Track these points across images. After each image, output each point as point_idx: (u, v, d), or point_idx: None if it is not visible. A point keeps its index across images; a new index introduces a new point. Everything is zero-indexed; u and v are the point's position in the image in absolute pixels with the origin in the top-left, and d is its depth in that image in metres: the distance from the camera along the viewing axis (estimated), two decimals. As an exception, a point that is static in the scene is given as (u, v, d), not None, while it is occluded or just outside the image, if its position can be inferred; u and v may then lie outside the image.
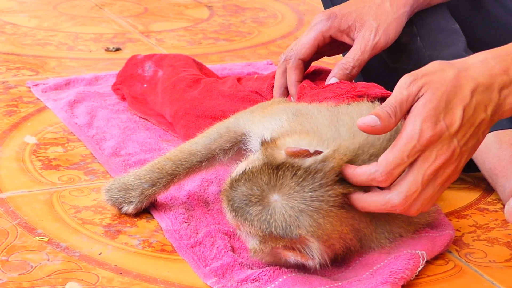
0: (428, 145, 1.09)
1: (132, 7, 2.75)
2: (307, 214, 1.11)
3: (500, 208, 1.47)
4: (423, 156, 1.10)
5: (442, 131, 1.09)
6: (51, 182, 1.48)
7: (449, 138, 1.10)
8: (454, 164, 1.11)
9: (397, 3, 1.49)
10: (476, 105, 1.10)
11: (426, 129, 1.09)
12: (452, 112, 1.10)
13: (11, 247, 1.26)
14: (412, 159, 1.10)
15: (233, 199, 1.14)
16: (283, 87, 1.52)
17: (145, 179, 1.34)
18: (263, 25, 2.63)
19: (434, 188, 1.12)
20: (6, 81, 1.97)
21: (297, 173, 1.11)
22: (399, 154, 1.10)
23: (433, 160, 1.10)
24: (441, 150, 1.10)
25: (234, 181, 1.15)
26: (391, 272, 1.18)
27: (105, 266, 1.23)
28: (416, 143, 1.09)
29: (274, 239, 1.12)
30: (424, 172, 1.10)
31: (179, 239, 1.29)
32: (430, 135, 1.09)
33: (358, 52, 1.46)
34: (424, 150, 1.10)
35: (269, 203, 1.12)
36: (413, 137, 1.09)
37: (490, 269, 1.27)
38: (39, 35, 2.36)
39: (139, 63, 1.89)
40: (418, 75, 1.11)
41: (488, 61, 1.13)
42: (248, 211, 1.12)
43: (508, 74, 1.12)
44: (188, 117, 1.61)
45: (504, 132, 1.47)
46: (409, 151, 1.10)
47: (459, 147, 1.11)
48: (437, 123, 1.09)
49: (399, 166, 1.10)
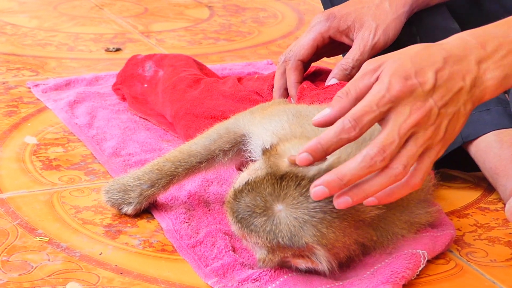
0: (399, 97, 1.05)
1: (132, 7, 2.75)
2: (311, 224, 1.10)
3: (501, 207, 1.47)
4: (396, 111, 1.06)
5: (414, 86, 1.05)
6: (51, 183, 1.48)
7: (423, 95, 1.06)
8: (433, 126, 1.06)
9: (396, 3, 1.48)
10: (452, 72, 1.07)
11: (395, 81, 1.05)
12: (423, 72, 1.06)
13: (11, 248, 1.26)
14: (382, 109, 1.05)
15: (237, 211, 1.14)
16: (282, 88, 1.52)
17: (144, 180, 1.34)
18: (263, 25, 2.63)
19: (417, 148, 1.06)
20: (6, 82, 1.97)
21: (301, 184, 1.10)
22: (367, 103, 1.05)
23: (408, 115, 1.05)
24: (415, 105, 1.05)
25: (238, 192, 1.14)
26: (392, 271, 1.18)
27: (105, 266, 1.23)
28: (385, 93, 1.05)
29: (282, 248, 1.13)
30: (399, 125, 1.05)
31: (179, 239, 1.29)
32: (400, 86, 1.05)
33: (357, 52, 1.46)
34: (395, 103, 1.05)
35: (273, 214, 1.11)
36: (382, 88, 1.05)
37: (491, 269, 1.27)
38: (39, 35, 2.37)
39: (140, 63, 1.88)
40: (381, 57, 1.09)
41: (463, 37, 1.11)
42: (253, 223, 1.12)
43: (485, 48, 1.09)
44: (189, 117, 1.61)
45: (505, 132, 1.46)
46: (378, 100, 1.05)
47: (437, 107, 1.06)
48: (408, 78, 1.05)
49: (367, 113, 1.05)
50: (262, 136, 1.27)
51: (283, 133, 1.23)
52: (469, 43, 1.09)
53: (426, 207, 1.29)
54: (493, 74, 1.08)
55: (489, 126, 1.47)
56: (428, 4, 1.55)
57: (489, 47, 1.09)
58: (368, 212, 1.15)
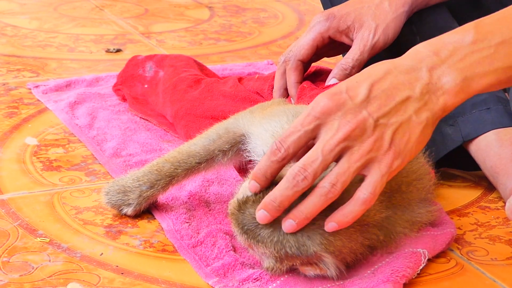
0: (325, 113, 1.05)
1: (133, 8, 2.75)
2: (318, 233, 1.11)
3: (502, 206, 1.47)
4: (325, 128, 1.05)
5: (342, 100, 1.04)
6: (52, 183, 1.48)
7: (354, 107, 1.04)
8: (372, 137, 1.04)
9: (396, 3, 1.48)
10: (394, 82, 1.05)
11: (321, 99, 1.05)
12: (356, 87, 1.05)
13: (12, 248, 1.26)
14: (307, 128, 1.05)
15: (243, 222, 1.13)
16: (282, 88, 1.52)
17: (143, 181, 1.34)
18: (263, 25, 2.63)
19: (351, 163, 1.04)
20: (7, 83, 1.97)
21: (306, 193, 1.10)
22: (294, 124, 1.06)
23: (336, 129, 1.04)
24: (344, 119, 1.04)
25: (242, 204, 1.14)
26: (392, 270, 1.18)
27: (106, 266, 1.23)
28: (311, 111, 1.05)
29: (290, 258, 1.13)
30: (325, 142, 1.04)
31: (180, 239, 1.29)
32: (325, 103, 1.04)
33: (357, 52, 1.46)
34: (322, 119, 1.05)
35: (280, 224, 1.11)
36: (308, 108, 1.06)
37: (492, 267, 1.27)
38: (40, 36, 2.37)
39: (140, 63, 1.89)
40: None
41: (416, 48, 1.09)
42: (260, 233, 1.12)
43: (439, 55, 1.07)
44: (189, 117, 1.61)
45: (505, 130, 1.46)
46: (303, 120, 1.05)
47: (372, 118, 1.04)
48: (336, 94, 1.05)
49: (292, 134, 1.06)
50: (262, 137, 1.27)
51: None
52: (420, 53, 1.08)
53: (427, 206, 1.29)
54: (450, 77, 1.06)
55: (489, 125, 1.47)
56: (427, 4, 1.55)
57: (443, 53, 1.07)
58: (373, 216, 1.15)
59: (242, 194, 1.15)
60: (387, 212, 1.17)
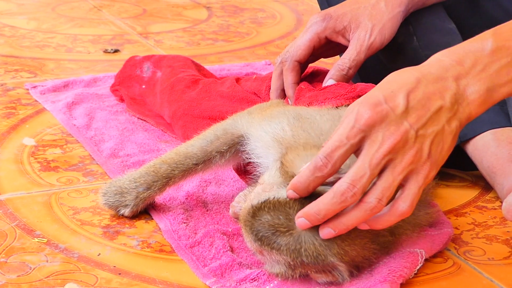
0: (369, 125, 1.04)
1: (131, 9, 2.75)
2: (336, 243, 1.11)
3: (499, 206, 1.47)
4: (369, 140, 1.04)
5: (385, 112, 1.04)
6: (49, 184, 1.48)
7: (396, 119, 1.04)
8: (413, 149, 1.05)
9: (392, 3, 1.48)
10: (426, 92, 1.05)
11: (364, 109, 1.04)
12: (393, 96, 1.04)
13: (9, 249, 1.26)
14: (353, 141, 1.04)
15: (257, 229, 1.13)
16: (279, 89, 1.52)
17: (140, 182, 1.34)
18: (261, 25, 2.63)
19: (395, 176, 1.05)
20: (5, 84, 1.97)
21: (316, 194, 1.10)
22: (337, 137, 1.05)
23: (380, 142, 1.04)
24: (388, 131, 1.04)
25: (257, 210, 1.13)
26: (389, 270, 1.18)
27: (104, 267, 1.23)
28: (355, 123, 1.04)
29: (306, 266, 1.13)
30: (372, 156, 1.04)
31: (177, 240, 1.29)
32: (369, 115, 1.03)
33: (354, 52, 1.46)
34: (368, 133, 1.04)
35: (298, 233, 1.11)
36: (350, 119, 1.04)
37: (489, 267, 1.27)
38: (38, 37, 2.37)
39: (138, 64, 1.89)
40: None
41: (438, 58, 1.09)
42: (276, 241, 1.12)
43: (463, 65, 1.07)
44: (186, 117, 1.61)
45: (501, 130, 1.47)
46: (348, 132, 1.04)
47: (413, 129, 1.04)
48: (378, 105, 1.04)
49: (338, 148, 1.05)
50: (263, 139, 1.27)
51: (284, 137, 1.23)
52: (443, 62, 1.08)
53: (426, 209, 1.30)
54: (475, 89, 1.07)
55: (486, 125, 1.47)
56: (424, 4, 1.55)
57: (466, 63, 1.07)
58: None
59: (257, 200, 1.14)
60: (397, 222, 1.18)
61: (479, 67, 1.07)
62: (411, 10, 1.53)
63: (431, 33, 1.55)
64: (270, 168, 1.20)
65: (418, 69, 1.08)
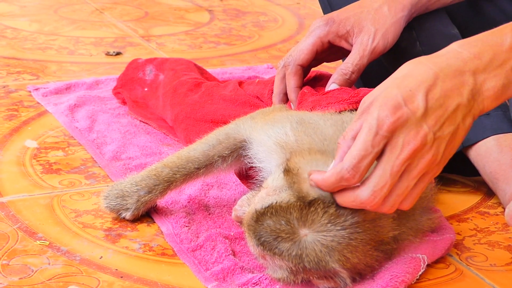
0: (392, 131, 1.03)
1: (133, 11, 2.75)
2: (337, 250, 1.11)
3: (501, 211, 1.47)
4: (390, 145, 1.04)
5: (405, 115, 1.03)
6: (51, 186, 1.48)
7: (416, 122, 1.03)
8: (430, 152, 1.04)
9: (395, 7, 1.48)
10: (445, 88, 1.04)
11: (385, 114, 1.03)
12: (413, 96, 1.04)
13: (11, 251, 1.26)
14: (378, 149, 1.03)
15: (260, 233, 1.13)
16: (282, 93, 1.52)
17: (141, 186, 1.34)
18: (263, 29, 2.63)
19: (409, 181, 1.05)
20: (7, 85, 1.97)
21: (329, 211, 1.11)
22: (362, 146, 1.04)
23: (401, 148, 1.03)
24: (408, 136, 1.03)
25: (260, 215, 1.13)
26: (391, 275, 1.18)
27: (105, 270, 1.23)
28: (378, 130, 1.03)
29: (308, 271, 1.13)
30: (393, 163, 1.04)
31: (179, 243, 1.29)
32: (391, 120, 1.03)
33: (356, 57, 1.46)
34: (390, 138, 1.03)
35: (299, 239, 1.11)
36: (372, 125, 1.03)
37: (491, 273, 1.27)
38: (40, 39, 2.37)
39: (140, 67, 1.89)
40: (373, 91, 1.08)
41: (455, 49, 1.08)
42: (277, 246, 1.12)
43: (481, 58, 1.06)
44: (189, 121, 1.61)
45: (504, 136, 1.47)
46: (372, 140, 1.03)
47: (432, 132, 1.04)
48: (398, 107, 1.03)
49: (364, 158, 1.04)
50: (265, 143, 1.27)
51: (287, 141, 1.23)
52: (461, 54, 1.06)
53: (428, 214, 1.29)
54: (491, 84, 1.06)
55: (488, 130, 1.47)
56: (427, 9, 1.55)
57: (484, 57, 1.06)
58: (387, 233, 1.16)
59: (261, 205, 1.14)
60: (400, 229, 1.18)
61: (497, 62, 1.06)
62: (414, 15, 1.53)
63: (434, 38, 1.55)
64: (274, 172, 1.20)
65: (434, 61, 1.06)
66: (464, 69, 1.06)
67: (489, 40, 1.07)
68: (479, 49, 1.07)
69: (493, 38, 1.07)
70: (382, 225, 1.14)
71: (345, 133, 1.07)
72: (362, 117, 1.06)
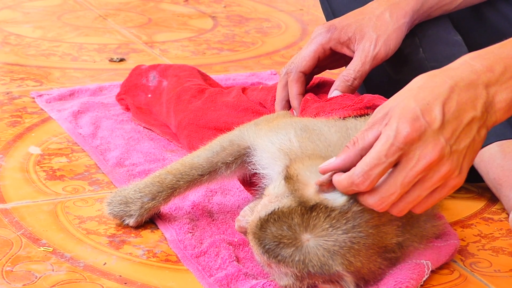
0: (408, 143, 1.04)
1: (136, 18, 2.76)
2: (340, 254, 1.11)
3: (505, 217, 1.47)
4: (406, 157, 1.04)
5: (423, 128, 1.04)
6: (55, 193, 1.48)
7: (433, 135, 1.04)
8: (446, 165, 1.05)
9: (397, 14, 1.48)
10: (460, 102, 1.05)
11: (403, 126, 1.04)
12: (430, 109, 1.04)
13: (15, 258, 1.26)
14: (392, 159, 1.04)
15: (264, 241, 1.13)
16: (284, 100, 1.52)
17: (145, 192, 1.34)
18: (267, 35, 2.63)
19: (422, 192, 1.06)
20: (10, 92, 1.97)
21: (331, 215, 1.11)
22: (376, 154, 1.04)
23: (416, 160, 1.04)
24: (425, 149, 1.04)
25: (264, 222, 1.13)
26: (396, 281, 1.18)
27: (109, 276, 1.23)
28: (394, 141, 1.04)
29: (313, 276, 1.13)
30: (405, 174, 1.05)
31: (183, 249, 1.29)
32: (408, 131, 1.03)
33: (358, 63, 1.46)
34: (406, 150, 1.04)
35: (302, 244, 1.11)
36: (390, 136, 1.04)
37: (495, 279, 1.27)
38: (43, 45, 2.37)
39: (144, 73, 1.89)
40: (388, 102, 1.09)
41: (467, 62, 1.09)
42: (280, 253, 1.12)
43: (493, 71, 1.07)
44: (192, 127, 1.61)
45: (508, 142, 1.47)
46: (387, 150, 1.04)
47: (449, 145, 1.05)
48: (416, 120, 1.04)
49: (376, 166, 1.05)
50: (269, 150, 1.27)
51: (291, 148, 1.23)
52: (474, 67, 1.08)
53: (432, 221, 1.29)
54: (503, 97, 1.07)
55: (492, 137, 1.47)
56: (429, 16, 1.55)
57: (496, 69, 1.07)
58: (390, 239, 1.16)
59: (264, 212, 1.14)
60: (404, 236, 1.18)
61: (508, 74, 1.07)
62: (416, 22, 1.53)
63: (437, 45, 1.55)
64: (275, 179, 1.20)
65: (448, 74, 1.07)
66: (477, 82, 1.07)
67: (500, 53, 1.09)
68: (491, 62, 1.08)
69: (504, 51, 1.09)
70: (386, 231, 1.14)
71: (355, 138, 1.08)
72: (375, 128, 1.06)
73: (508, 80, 1.07)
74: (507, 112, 1.08)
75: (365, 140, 1.07)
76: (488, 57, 1.09)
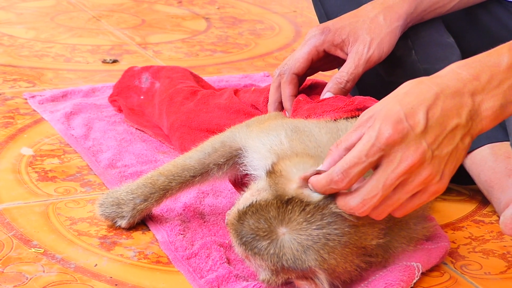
0: (390, 145, 1.04)
1: (130, 19, 2.76)
2: (314, 249, 1.11)
3: (496, 220, 1.47)
4: (388, 159, 1.05)
5: (405, 130, 1.04)
6: (47, 194, 1.48)
7: (415, 139, 1.04)
8: (427, 169, 1.05)
9: (391, 17, 1.49)
10: (445, 108, 1.06)
11: (385, 128, 1.04)
12: (414, 113, 1.05)
13: (6, 259, 1.26)
14: (372, 159, 1.05)
15: (241, 233, 1.13)
16: (277, 101, 1.52)
17: (137, 194, 1.34)
18: (260, 37, 2.63)
19: (402, 195, 1.07)
20: (3, 93, 1.97)
21: (306, 209, 1.11)
22: (357, 153, 1.05)
23: (398, 162, 1.04)
24: (407, 152, 1.04)
25: (242, 214, 1.14)
26: (386, 284, 1.18)
27: (100, 277, 1.23)
28: (375, 142, 1.04)
29: (286, 271, 1.13)
30: (387, 176, 1.05)
31: (174, 251, 1.29)
32: (390, 133, 1.04)
33: (352, 66, 1.46)
34: (387, 152, 1.05)
35: (277, 237, 1.12)
36: (371, 136, 1.04)
37: (485, 281, 1.27)
38: (36, 46, 2.37)
39: (136, 74, 1.89)
40: (374, 106, 1.09)
41: (454, 70, 1.09)
42: (257, 246, 1.12)
43: (479, 79, 1.07)
44: (184, 129, 1.62)
45: (499, 145, 1.47)
46: (368, 150, 1.04)
47: (430, 150, 1.05)
48: (399, 122, 1.04)
49: (356, 165, 1.05)
50: (260, 151, 1.27)
51: (282, 149, 1.23)
52: (460, 75, 1.08)
53: (423, 223, 1.30)
54: (489, 105, 1.07)
55: (483, 139, 1.47)
56: (422, 18, 1.55)
57: (482, 78, 1.08)
58: (370, 240, 1.16)
59: (243, 205, 1.15)
60: (385, 238, 1.18)
61: (495, 83, 1.08)
62: (410, 25, 1.53)
63: (429, 47, 1.56)
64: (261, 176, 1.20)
65: (435, 81, 1.08)
66: (463, 90, 1.07)
67: (486, 61, 1.09)
68: (478, 70, 1.08)
69: (490, 59, 1.09)
70: (366, 232, 1.14)
71: (339, 141, 1.08)
72: (359, 130, 1.07)
73: (495, 88, 1.07)
74: (493, 120, 1.08)
75: (348, 141, 1.07)
76: (475, 65, 1.09)
